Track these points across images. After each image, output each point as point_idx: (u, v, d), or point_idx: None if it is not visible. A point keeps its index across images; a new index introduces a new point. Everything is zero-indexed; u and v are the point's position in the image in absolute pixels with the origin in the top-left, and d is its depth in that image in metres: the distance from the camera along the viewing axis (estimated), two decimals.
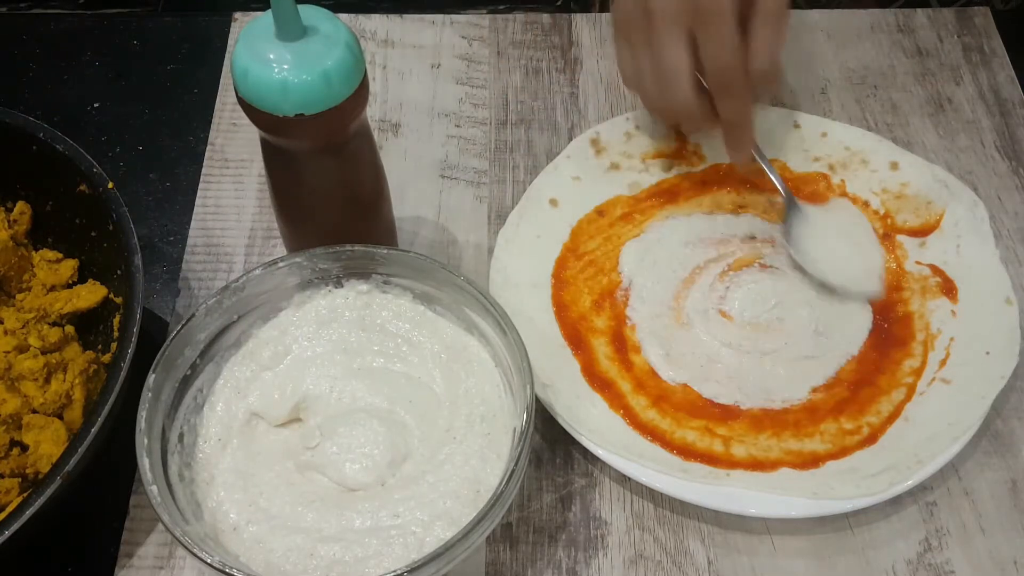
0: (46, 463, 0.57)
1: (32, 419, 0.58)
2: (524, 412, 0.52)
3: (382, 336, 0.59)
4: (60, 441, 0.57)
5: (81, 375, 0.59)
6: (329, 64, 0.51)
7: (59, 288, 0.64)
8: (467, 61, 0.81)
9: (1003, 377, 0.61)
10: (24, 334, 0.61)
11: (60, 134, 0.61)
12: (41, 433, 0.58)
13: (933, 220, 0.69)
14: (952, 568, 0.58)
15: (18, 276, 0.64)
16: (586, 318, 0.65)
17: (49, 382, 0.59)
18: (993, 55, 0.81)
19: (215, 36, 0.82)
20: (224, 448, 0.55)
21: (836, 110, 0.78)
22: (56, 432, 0.58)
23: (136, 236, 0.58)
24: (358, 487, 0.54)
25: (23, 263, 0.64)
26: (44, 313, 0.62)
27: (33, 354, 0.59)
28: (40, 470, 0.57)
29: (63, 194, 0.62)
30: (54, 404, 0.59)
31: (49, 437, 0.57)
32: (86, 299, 0.62)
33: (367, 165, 0.60)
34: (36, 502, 0.49)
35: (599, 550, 0.59)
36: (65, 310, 0.62)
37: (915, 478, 0.57)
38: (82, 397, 0.59)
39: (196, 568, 0.58)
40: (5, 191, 0.66)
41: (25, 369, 0.59)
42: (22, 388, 0.59)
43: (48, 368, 0.59)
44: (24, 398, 0.58)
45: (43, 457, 0.57)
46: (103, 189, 0.60)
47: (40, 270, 0.64)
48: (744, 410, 0.62)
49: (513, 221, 0.69)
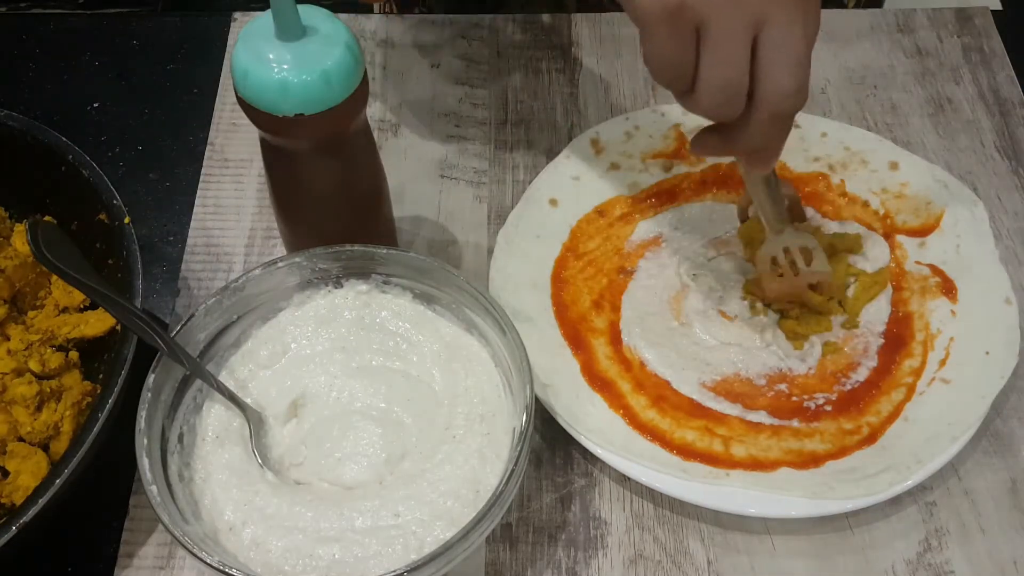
0: (22, 495, 0.56)
1: (16, 447, 0.57)
2: (524, 412, 0.52)
3: (381, 335, 0.59)
4: (39, 474, 0.57)
5: (73, 407, 0.59)
6: (329, 64, 0.51)
7: (71, 311, 0.63)
8: (467, 61, 0.81)
9: (1003, 377, 0.61)
10: (26, 356, 0.60)
11: (88, 159, 0.62)
12: (23, 463, 0.57)
13: (933, 220, 0.69)
14: (952, 568, 0.58)
15: (33, 293, 0.64)
16: (586, 318, 0.65)
17: (40, 410, 0.58)
18: (993, 55, 0.81)
19: (215, 36, 0.82)
20: (221, 447, 0.55)
21: (836, 110, 0.78)
22: (37, 464, 0.57)
23: (141, 277, 0.58)
24: (355, 485, 0.54)
25: (40, 280, 0.64)
26: (51, 336, 0.62)
27: (28, 380, 0.59)
28: (15, 501, 0.56)
29: (86, 217, 0.62)
30: (41, 434, 0.58)
31: (30, 468, 0.57)
32: (94, 327, 0.62)
33: (367, 165, 0.60)
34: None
35: (599, 550, 0.59)
36: (72, 335, 0.62)
37: (915, 478, 0.57)
38: (71, 430, 0.58)
39: (196, 568, 0.58)
40: (33, 206, 0.66)
41: (18, 394, 0.58)
42: (13, 413, 0.58)
43: (41, 396, 0.59)
44: (12, 424, 0.58)
45: (20, 488, 0.56)
46: (119, 223, 0.60)
47: (56, 289, 0.64)
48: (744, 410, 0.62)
49: (513, 221, 0.69)
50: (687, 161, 0.73)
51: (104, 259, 0.61)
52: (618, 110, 0.78)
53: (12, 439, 0.58)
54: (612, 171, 0.72)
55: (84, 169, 0.61)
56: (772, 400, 0.62)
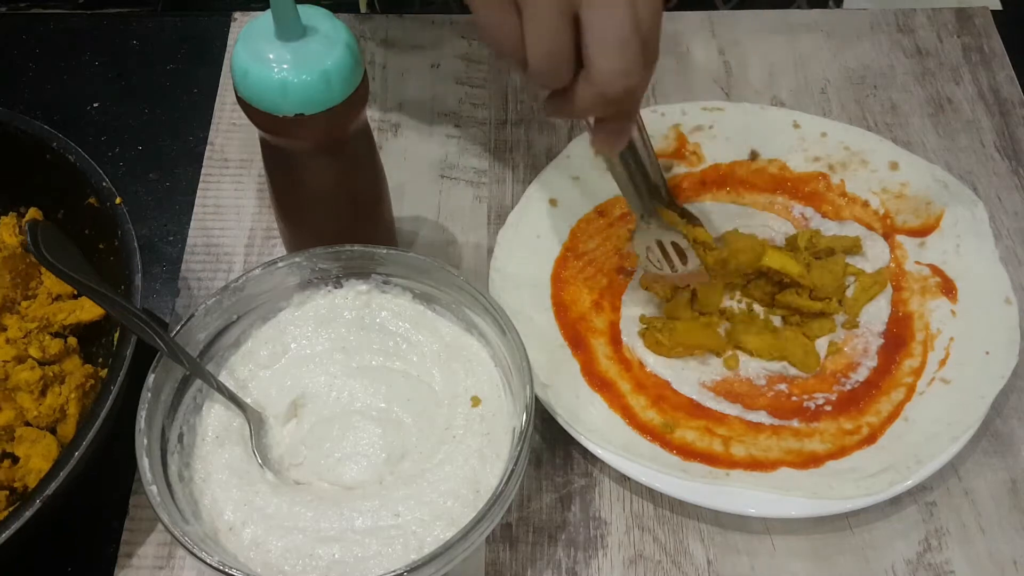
0: (35, 478, 0.57)
1: (25, 432, 0.58)
2: (524, 412, 0.52)
3: (381, 335, 0.59)
4: (50, 456, 0.57)
5: (77, 389, 0.59)
6: (329, 64, 0.51)
7: (65, 298, 0.64)
8: (467, 61, 0.81)
9: (1003, 377, 0.61)
10: (25, 344, 0.60)
11: (73, 145, 0.62)
12: (33, 447, 0.57)
13: (933, 220, 0.69)
14: (952, 568, 0.58)
15: (24, 283, 0.64)
16: (586, 318, 0.65)
17: (45, 395, 0.59)
18: (993, 55, 0.81)
19: (215, 36, 0.82)
20: (221, 446, 0.55)
21: (836, 110, 0.78)
22: (47, 447, 0.57)
23: (139, 255, 0.58)
24: (355, 485, 0.54)
25: (31, 270, 0.64)
26: (47, 323, 0.62)
27: (30, 365, 0.59)
28: (28, 484, 0.57)
29: (73, 204, 0.62)
30: (48, 417, 0.58)
31: (40, 451, 0.57)
32: (90, 311, 0.62)
33: (367, 165, 0.60)
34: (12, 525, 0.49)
35: (599, 550, 0.59)
36: (68, 321, 0.62)
37: (915, 478, 0.57)
38: (76, 412, 0.59)
39: (196, 568, 0.58)
40: (18, 197, 0.66)
41: (21, 380, 0.58)
42: (17, 399, 0.59)
43: (45, 381, 0.59)
44: (19, 410, 0.58)
45: (32, 472, 0.57)
46: (110, 204, 0.60)
47: (47, 278, 0.64)
48: (744, 410, 0.62)
49: (513, 221, 0.69)
50: (687, 161, 0.73)
51: (95, 243, 0.61)
52: None
53: (19, 424, 0.58)
54: None
55: (70, 154, 0.61)
56: (772, 400, 0.62)
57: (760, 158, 0.73)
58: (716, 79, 0.80)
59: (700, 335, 0.63)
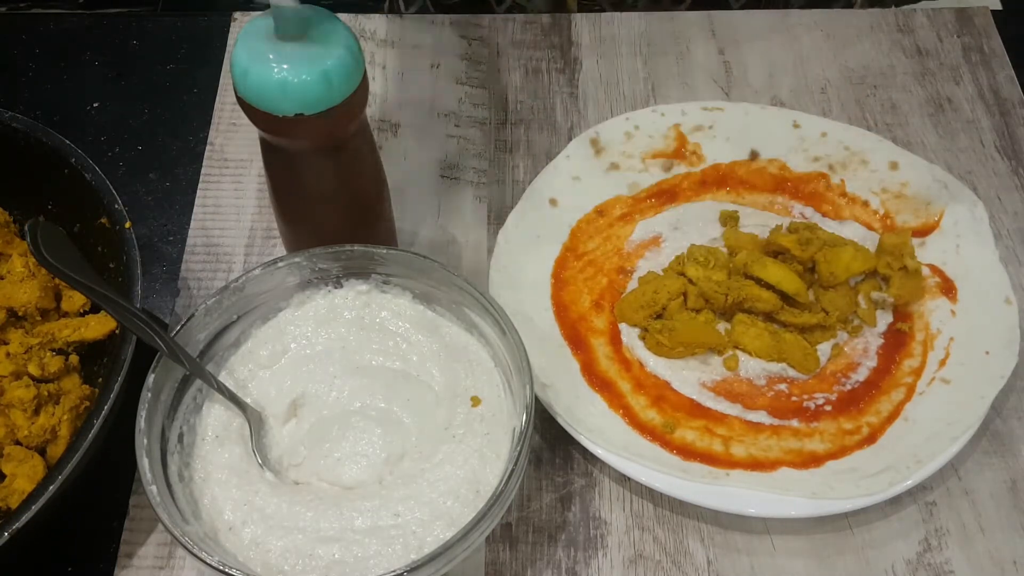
0: (17, 499, 0.56)
1: (13, 450, 0.57)
2: (524, 412, 0.52)
3: (381, 335, 0.59)
4: (35, 477, 0.56)
5: (71, 411, 0.58)
6: (329, 64, 0.51)
7: (72, 315, 0.63)
8: (467, 61, 0.81)
9: (1002, 377, 0.61)
10: (25, 360, 0.60)
11: (91, 162, 0.61)
12: (19, 466, 0.57)
13: (933, 220, 0.69)
14: (952, 568, 0.58)
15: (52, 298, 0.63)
16: (586, 318, 0.65)
17: (38, 414, 0.58)
18: (993, 55, 0.81)
19: (215, 36, 0.82)
20: (221, 446, 0.55)
21: (836, 110, 0.78)
22: (34, 468, 0.57)
23: (140, 283, 0.58)
24: (355, 485, 0.54)
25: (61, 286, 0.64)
26: (51, 339, 0.62)
27: (26, 383, 0.58)
28: (11, 505, 0.56)
29: (87, 221, 0.62)
30: (38, 438, 0.58)
31: (26, 472, 0.57)
32: (94, 330, 0.62)
33: (367, 165, 0.60)
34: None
35: (599, 550, 0.59)
36: (72, 338, 0.62)
37: (915, 478, 0.57)
38: (68, 434, 0.58)
39: (196, 568, 0.58)
40: (36, 208, 0.66)
41: (15, 398, 0.58)
42: (11, 416, 0.58)
43: (39, 400, 0.58)
44: (10, 427, 0.58)
45: (16, 492, 0.56)
46: (120, 227, 0.60)
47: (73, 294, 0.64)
48: (744, 410, 0.62)
49: (513, 221, 0.69)
50: (687, 161, 0.73)
51: (105, 263, 0.61)
52: (618, 110, 0.78)
53: (9, 442, 0.58)
54: (612, 171, 0.72)
55: (87, 172, 0.61)
56: (772, 400, 0.62)
57: (760, 158, 0.73)
58: (716, 79, 0.80)
59: (700, 333, 0.63)
